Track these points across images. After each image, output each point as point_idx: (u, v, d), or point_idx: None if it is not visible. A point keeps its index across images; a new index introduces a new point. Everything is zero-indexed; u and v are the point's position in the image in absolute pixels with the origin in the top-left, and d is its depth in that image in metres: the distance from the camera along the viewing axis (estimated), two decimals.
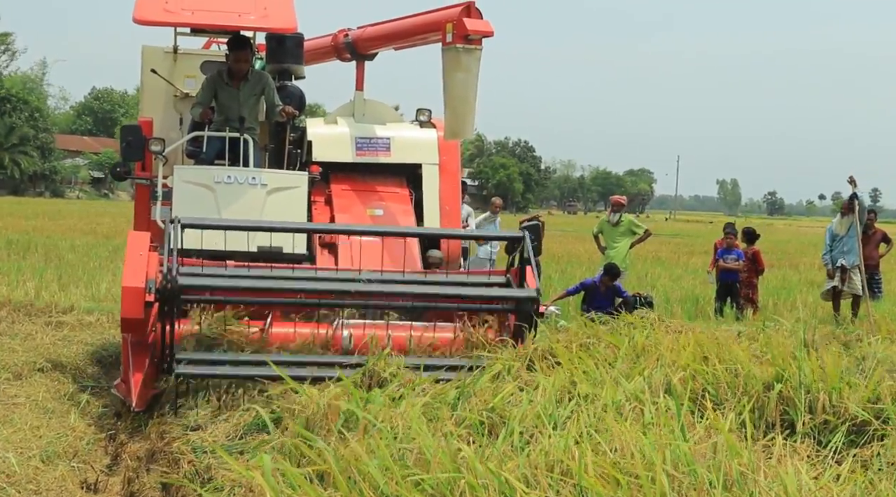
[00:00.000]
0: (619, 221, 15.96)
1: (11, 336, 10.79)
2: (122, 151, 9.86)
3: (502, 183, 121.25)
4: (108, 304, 13.83)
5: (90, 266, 19.87)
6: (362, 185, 10.09)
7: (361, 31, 10.90)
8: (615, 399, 5.04)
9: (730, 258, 16.09)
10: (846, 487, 4.00)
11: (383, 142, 10.25)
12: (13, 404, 7.62)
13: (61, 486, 5.84)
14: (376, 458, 3.73)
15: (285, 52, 10.56)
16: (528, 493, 3.42)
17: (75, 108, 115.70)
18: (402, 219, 9.81)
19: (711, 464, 4.19)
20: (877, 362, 6.08)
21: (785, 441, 4.83)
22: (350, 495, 3.51)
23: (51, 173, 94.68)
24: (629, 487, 3.80)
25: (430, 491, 3.55)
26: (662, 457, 4.12)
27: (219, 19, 9.55)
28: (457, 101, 8.99)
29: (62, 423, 7.27)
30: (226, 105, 9.66)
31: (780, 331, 8.01)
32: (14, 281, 16.17)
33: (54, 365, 9.29)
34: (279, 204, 9.12)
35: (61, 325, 12.02)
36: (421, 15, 9.87)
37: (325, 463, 3.78)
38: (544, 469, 3.97)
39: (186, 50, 10.89)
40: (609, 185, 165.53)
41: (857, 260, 14.96)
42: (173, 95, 10.60)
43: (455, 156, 10.38)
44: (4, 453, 6.07)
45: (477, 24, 8.84)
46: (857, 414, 5.28)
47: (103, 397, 8.31)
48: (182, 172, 9.15)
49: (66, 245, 25.10)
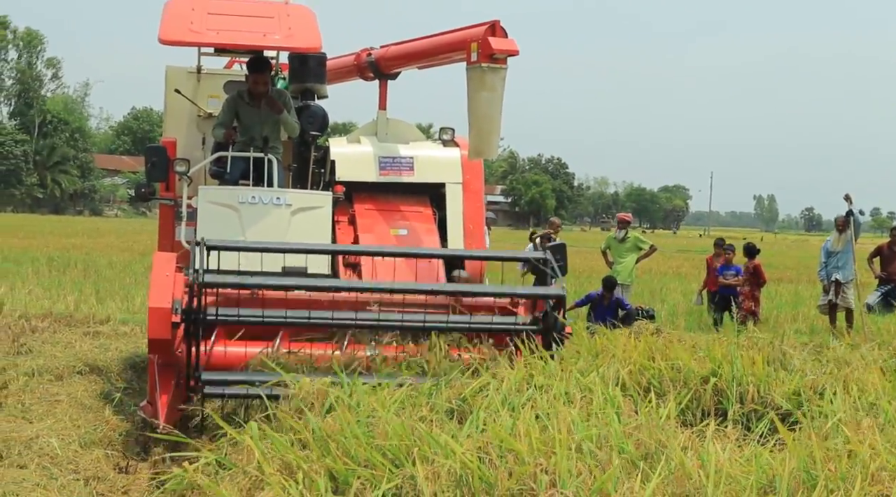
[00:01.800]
0: (626, 238, 16.72)
1: (53, 344, 11.72)
2: (147, 172, 9.87)
3: (535, 200, 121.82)
4: (141, 316, 14.70)
5: (126, 281, 20.93)
6: (386, 204, 10.05)
7: (385, 51, 10.89)
8: (567, 389, 5.86)
9: (729, 274, 16.79)
10: (741, 457, 4.80)
11: (407, 161, 10.19)
12: (55, 401, 8.52)
13: (97, 468, 6.71)
14: (349, 430, 4.59)
15: (308, 72, 10.56)
16: (465, 454, 4.25)
17: (115, 128, 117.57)
18: (427, 238, 9.76)
19: (640, 439, 5.01)
20: (804, 361, 6.85)
21: (717, 427, 5.66)
22: (322, 457, 4.35)
23: (90, 192, 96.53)
24: (561, 457, 4.57)
25: (389, 455, 4.39)
26: (595, 433, 4.95)
27: (244, 39, 9.49)
28: (481, 121, 8.91)
29: (98, 417, 8.14)
30: (248, 125, 9.68)
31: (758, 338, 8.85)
32: (55, 295, 17.25)
33: (91, 368, 10.14)
34: (303, 224, 9.12)
35: (98, 334, 12.94)
36: (445, 34, 9.82)
37: (305, 432, 4.64)
38: (494, 443, 4.80)
39: (210, 70, 10.93)
40: (643, 202, 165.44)
41: (851, 275, 15.70)
42: (196, 115, 10.63)
43: (479, 175, 10.33)
44: (48, 439, 6.99)
45: (502, 43, 8.79)
46: (781, 404, 6.09)
47: (135, 397, 9.16)
48: (207, 193, 9.15)
49: (104, 262, 26.22)
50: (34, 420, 7.73)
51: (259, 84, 9.59)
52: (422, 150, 10.40)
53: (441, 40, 9.84)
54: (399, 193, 10.13)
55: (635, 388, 6.19)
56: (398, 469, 4.17)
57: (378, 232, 9.68)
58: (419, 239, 9.71)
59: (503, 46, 8.75)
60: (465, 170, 10.17)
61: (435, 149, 10.51)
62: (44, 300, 16.38)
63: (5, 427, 7.36)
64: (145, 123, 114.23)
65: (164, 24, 9.14)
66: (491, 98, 8.82)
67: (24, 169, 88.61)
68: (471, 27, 9.22)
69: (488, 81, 8.77)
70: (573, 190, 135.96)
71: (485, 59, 8.73)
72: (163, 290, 7.39)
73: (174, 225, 9.72)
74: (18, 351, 11.16)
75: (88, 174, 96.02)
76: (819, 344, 11.77)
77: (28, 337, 12.32)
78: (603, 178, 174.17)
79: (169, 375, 7.61)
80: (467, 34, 9.14)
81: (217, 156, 9.68)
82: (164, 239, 10.09)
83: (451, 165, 10.23)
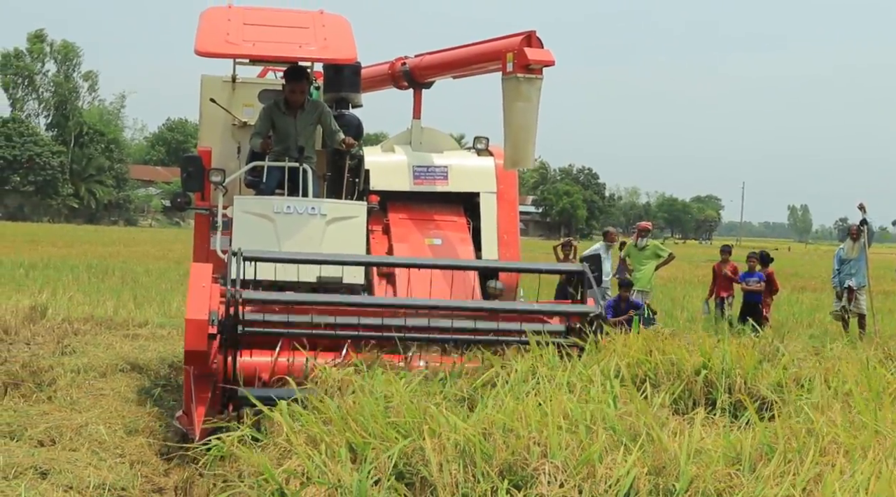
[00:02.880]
0: (645, 246, 17.25)
1: (95, 345, 12.36)
2: (183, 182, 9.95)
3: (566, 210, 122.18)
4: (178, 320, 15.47)
5: (162, 288, 21.69)
6: (420, 213, 10.04)
7: (419, 60, 10.89)
8: (570, 379, 6.42)
9: (752, 280, 17.29)
10: (719, 440, 5.34)
11: (441, 170, 10.18)
12: (100, 395, 9.17)
13: (140, 453, 7.33)
14: (367, 410, 5.17)
15: (342, 81, 10.53)
16: (468, 429, 4.82)
17: (149, 139, 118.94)
18: (461, 248, 9.75)
19: (630, 423, 5.57)
20: (787, 355, 7.38)
21: (707, 415, 6.20)
22: (343, 432, 4.94)
23: (125, 202, 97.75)
24: (552, 431, 5.09)
25: (402, 431, 4.97)
26: (588, 415, 5.50)
27: (280, 51, 9.46)
28: (517, 131, 8.92)
29: (140, 409, 8.79)
30: (283, 134, 9.65)
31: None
32: (95, 300, 17.99)
33: (132, 366, 10.79)
34: (338, 234, 9.09)
35: (137, 336, 13.62)
36: (481, 44, 9.83)
37: (329, 411, 5.23)
38: (497, 423, 5.36)
39: (244, 79, 10.86)
40: (675, 212, 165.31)
41: (864, 281, 16.20)
42: (231, 124, 10.55)
43: (513, 184, 10.32)
44: (96, 426, 7.64)
45: (538, 54, 8.79)
46: (766, 395, 6.62)
47: (173, 393, 9.77)
48: (242, 203, 9.15)
49: (141, 269, 27.04)
50: (82, 410, 8.38)
51: (296, 93, 9.59)
52: (456, 160, 10.44)
53: (477, 50, 9.88)
54: (432, 203, 10.15)
55: (633, 379, 6.72)
56: (408, 440, 4.75)
57: (412, 241, 9.69)
58: (453, 248, 9.72)
59: (539, 57, 8.78)
60: (500, 179, 10.20)
61: (469, 158, 10.55)
62: (84, 305, 17.09)
63: (57, 416, 8.01)
64: (179, 134, 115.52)
65: (200, 35, 9.18)
66: (527, 108, 8.86)
67: (60, 180, 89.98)
68: (507, 37, 9.26)
69: (524, 92, 8.81)
70: (604, 200, 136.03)
71: (520, 69, 8.77)
72: (200, 301, 7.36)
73: (209, 234, 9.76)
74: (63, 351, 11.80)
75: (123, 185, 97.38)
76: (820, 344, 12.30)
77: (71, 338, 13.01)
78: (634, 189, 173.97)
79: (205, 387, 7.55)
80: (503, 44, 9.19)
81: (253, 165, 9.68)
82: (199, 248, 10.08)
83: (485, 175, 10.25)
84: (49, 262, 27.98)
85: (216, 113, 10.41)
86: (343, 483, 4.43)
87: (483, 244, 9.93)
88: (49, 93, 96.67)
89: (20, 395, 8.95)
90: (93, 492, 6.16)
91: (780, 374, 6.73)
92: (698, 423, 5.55)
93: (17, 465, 6.39)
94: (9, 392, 9.10)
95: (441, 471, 4.58)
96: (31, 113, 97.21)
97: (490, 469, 4.61)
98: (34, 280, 21.36)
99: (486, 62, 9.66)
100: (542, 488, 4.49)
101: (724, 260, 18.14)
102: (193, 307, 7.32)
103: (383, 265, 9.21)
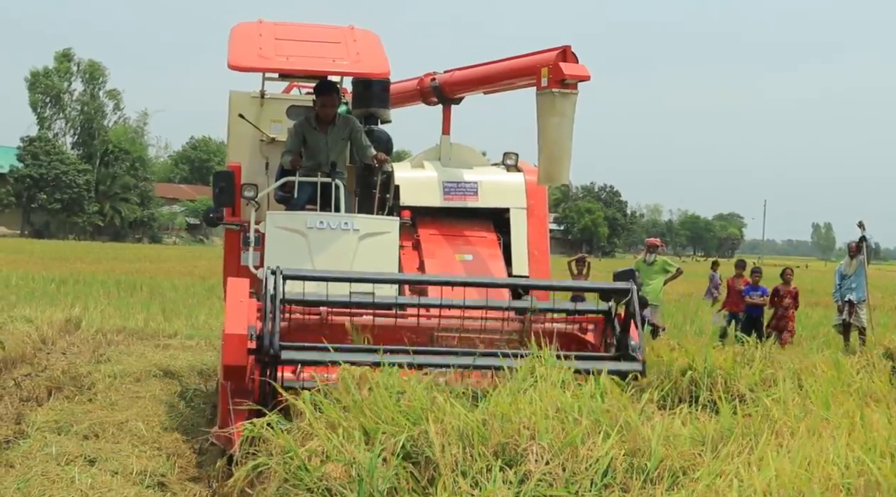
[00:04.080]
0: (654, 261, 17.92)
1: (128, 354, 13.14)
2: (215, 197, 9.96)
3: (587, 228, 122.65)
4: (205, 332, 16.30)
5: (189, 302, 22.52)
6: (450, 229, 10.02)
7: (450, 75, 10.88)
8: (565, 378, 7.10)
9: (755, 295, 17.97)
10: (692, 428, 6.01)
11: (471, 186, 10.13)
12: (137, 397, 9.92)
13: (176, 447, 8.07)
14: (381, 400, 5.86)
15: (371, 97, 10.57)
16: (467, 416, 5.51)
17: (173, 158, 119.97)
18: (492, 264, 9.67)
19: (613, 414, 6.24)
20: (765, 358, 8.08)
21: (690, 410, 6.88)
22: (358, 418, 5.64)
23: (149, 220, 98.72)
24: (541, 417, 5.74)
25: (410, 418, 5.66)
26: (577, 408, 6.18)
27: (313, 65, 9.47)
28: (552, 146, 8.87)
29: (174, 409, 9.53)
30: (315, 150, 9.69)
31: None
32: (125, 313, 18.82)
33: (165, 372, 11.55)
34: (371, 249, 9.09)
35: (168, 346, 14.44)
36: (514, 59, 9.81)
37: (347, 400, 5.93)
38: (496, 413, 6.05)
39: (273, 95, 10.86)
40: (697, 230, 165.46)
41: (864, 296, 16.85)
42: (259, 140, 10.58)
43: (543, 200, 10.33)
44: (136, 423, 8.42)
45: (574, 69, 8.77)
46: (743, 392, 7.30)
47: (204, 397, 10.47)
48: (274, 218, 9.15)
49: (168, 285, 27.86)
50: (121, 410, 9.15)
51: (328, 107, 9.64)
52: (486, 175, 10.41)
53: (510, 65, 9.86)
54: (462, 218, 10.14)
55: (623, 377, 7.41)
56: (416, 426, 5.44)
57: (443, 257, 9.65)
58: (485, 264, 9.64)
59: (574, 72, 8.77)
60: (530, 195, 10.18)
61: (499, 174, 10.51)
62: (115, 318, 17.90)
63: (100, 414, 8.79)
64: (203, 152, 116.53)
65: (232, 50, 9.21)
66: (561, 123, 8.82)
67: (86, 198, 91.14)
68: (541, 52, 9.26)
69: (559, 107, 8.77)
70: (626, 217, 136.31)
71: (555, 84, 8.73)
72: (238, 316, 7.28)
73: (241, 250, 9.67)
74: (98, 359, 12.59)
75: (148, 202, 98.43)
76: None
77: (105, 348, 13.87)
78: (657, 206, 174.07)
79: (243, 403, 7.21)
80: (538, 59, 9.17)
81: (285, 181, 9.65)
82: (231, 264, 10.00)
83: (515, 190, 10.21)
84: (79, 277, 28.86)
85: (244, 129, 10.45)
86: (357, 461, 5.13)
87: (513, 260, 9.88)
88: (76, 111, 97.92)
89: (63, 397, 9.77)
90: (136, 477, 6.92)
91: (756, 374, 7.39)
92: (678, 416, 6.23)
93: (68, 454, 7.19)
94: (53, 394, 9.93)
95: (443, 451, 5.27)
96: (59, 131, 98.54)
97: (486, 450, 5.30)
98: (65, 295, 22.16)
99: (519, 77, 9.65)
100: (531, 466, 5.17)
101: (738, 275, 18.80)
102: (232, 322, 7.23)
103: (428, 283, 8.66)
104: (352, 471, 5.11)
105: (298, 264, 8.38)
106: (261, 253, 9.11)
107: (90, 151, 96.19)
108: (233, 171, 10.18)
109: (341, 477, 5.11)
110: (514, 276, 9.75)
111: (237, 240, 9.83)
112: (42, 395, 9.98)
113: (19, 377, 10.77)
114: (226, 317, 7.40)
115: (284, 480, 5.19)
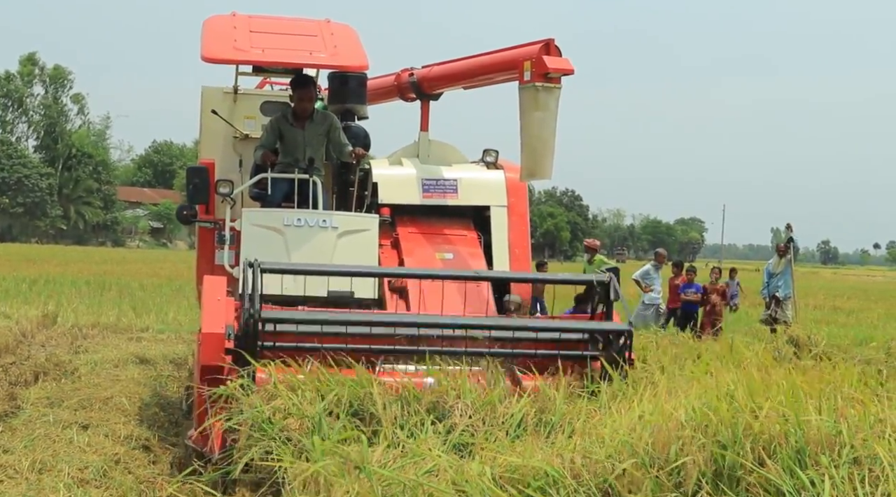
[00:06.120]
0: (592, 261, 19.17)
1: (104, 345, 14.23)
2: (189, 194, 9.52)
3: (549, 232, 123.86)
4: (175, 327, 17.40)
5: (158, 300, 23.59)
6: (429, 227, 9.80)
7: (428, 71, 10.62)
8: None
9: (690, 291, 19.32)
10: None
11: (451, 183, 9.93)
12: (117, 379, 11.00)
13: (156, 418, 9.19)
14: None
15: (348, 92, 10.33)
16: (405, 381, 6.68)
17: (136, 161, 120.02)
18: (473, 262, 9.43)
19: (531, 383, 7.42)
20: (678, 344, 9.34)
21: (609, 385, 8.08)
22: (314, 382, 6.78)
23: (112, 224, 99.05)
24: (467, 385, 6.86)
25: (358, 383, 6.83)
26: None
27: (290, 57, 9.22)
28: (535, 141, 8.71)
29: (152, 389, 10.64)
30: (292, 146, 9.41)
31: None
32: (97, 310, 19.88)
33: (141, 360, 12.63)
34: (350, 247, 8.90)
35: (141, 339, 15.56)
36: (496, 53, 9.62)
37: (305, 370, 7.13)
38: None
39: (246, 90, 10.59)
40: (659, 234, 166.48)
41: (790, 292, 18.25)
42: (233, 137, 10.27)
43: (523, 198, 10.16)
44: (120, 398, 9.56)
45: (557, 62, 8.62)
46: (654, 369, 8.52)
47: (178, 382, 11.48)
48: (251, 215, 8.91)
49: (136, 285, 28.90)
50: (106, 388, 10.23)
51: (304, 101, 9.41)
52: (465, 173, 10.18)
53: (491, 59, 9.68)
54: (442, 216, 9.93)
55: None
56: (362, 389, 6.58)
57: (423, 255, 9.40)
58: (466, 262, 9.42)
59: (558, 65, 8.62)
60: (510, 192, 10.01)
61: (479, 171, 10.28)
62: (88, 315, 18.91)
63: (87, 391, 9.91)
64: (165, 156, 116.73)
65: (206, 42, 8.98)
66: (544, 118, 8.67)
67: (48, 201, 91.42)
68: (523, 46, 9.10)
69: (542, 101, 8.62)
70: (587, 222, 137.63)
71: (539, 78, 8.58)
72: (216, 315, 7.16)
73: (215, 248, 9.45)
74: (77, 350, 13.63)
75: (111, 206, 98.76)
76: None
77: (82, 341, 14.93)
78: (619, 211, 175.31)
79: (221, 404, 6.85)
80: (520, 53, 9.00)
81: (261, 177, 9.37)
82: (204, 263, 9.72)
83: (495, 188, 10.03)
84: (49, 277, 29.79)
85: (217, 125, 10.14)
86: (309, 414, 6.26)
87: (494, 258, 9.73)
88: (38, 115, 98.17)
89: (51, 379, 10.81)
90: (124, 440, 8.06)
91: (662, 354, 8.61)
92: (587, 381, 7.36)
93: (64, 420, 8.37)
94: (40, 378, 10.94)
95: (385, 408, 6.41)
96: (21, 135, 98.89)
97: (420, 407, 6.45)
98: (38, 294, 23.17)
99: (501, 72, 9.47)
100: (456, 419, 6.33)
101: (676, 274, 20.10)
102: (209, 321, 7.11)
103: (405, 276, 8.79)
104: (306, 423, 6.23)
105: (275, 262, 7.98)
106: (236, 251, 8.92)
107: (53, 155, 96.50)
108: (206, 166, 9.80)
109: (299, 429, 6.23)
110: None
111: (211, 238, 9.64)
112: (30, 379, 10.95)
113: (5, 365, 11.65)
114: (203, 315, 7.33)
115: (252, 432, 6.30)
